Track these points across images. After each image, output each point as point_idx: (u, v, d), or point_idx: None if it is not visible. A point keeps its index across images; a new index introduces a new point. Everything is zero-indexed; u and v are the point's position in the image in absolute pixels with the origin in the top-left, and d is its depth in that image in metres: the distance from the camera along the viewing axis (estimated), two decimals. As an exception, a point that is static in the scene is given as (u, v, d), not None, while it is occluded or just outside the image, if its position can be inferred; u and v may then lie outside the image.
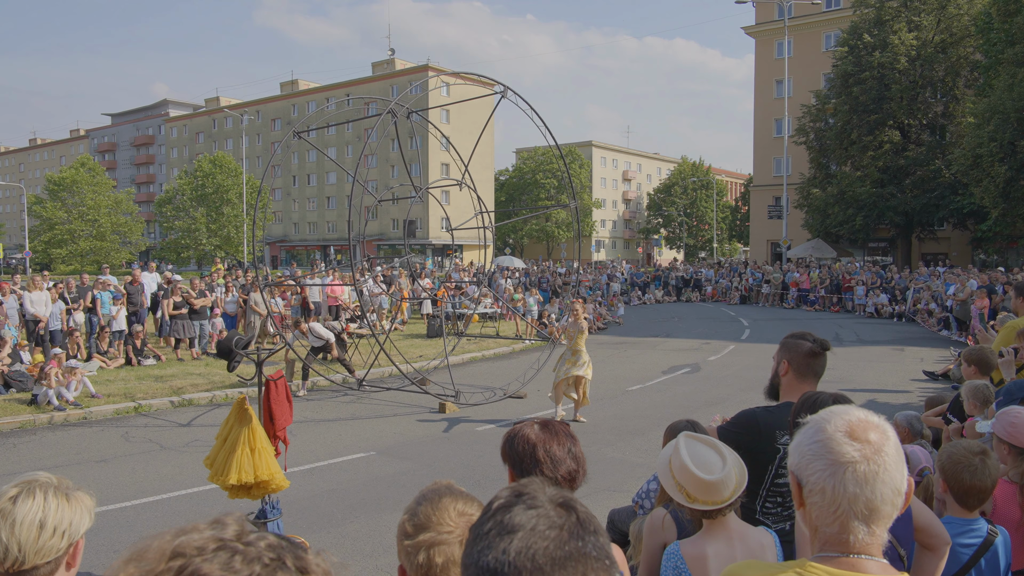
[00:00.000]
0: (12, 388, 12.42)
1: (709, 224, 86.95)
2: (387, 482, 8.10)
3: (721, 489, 2.36)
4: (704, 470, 2.38)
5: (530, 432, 2.13)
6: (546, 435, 2.10)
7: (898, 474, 1.46)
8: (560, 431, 2.13)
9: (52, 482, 1.61)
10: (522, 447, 2.10)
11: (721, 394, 12.88)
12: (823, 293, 29.67)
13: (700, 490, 2.36)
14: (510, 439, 2.15)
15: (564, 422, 2.22)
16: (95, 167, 70.13)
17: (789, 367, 3.11)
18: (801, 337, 3.15)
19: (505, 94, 12.80)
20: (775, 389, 3.20)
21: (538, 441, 2.09)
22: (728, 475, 2.38)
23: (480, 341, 20.12)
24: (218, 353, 5.65)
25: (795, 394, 3.07)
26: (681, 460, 2.41)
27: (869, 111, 37.97)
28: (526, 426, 2.16)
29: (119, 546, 6.26)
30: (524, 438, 2.12)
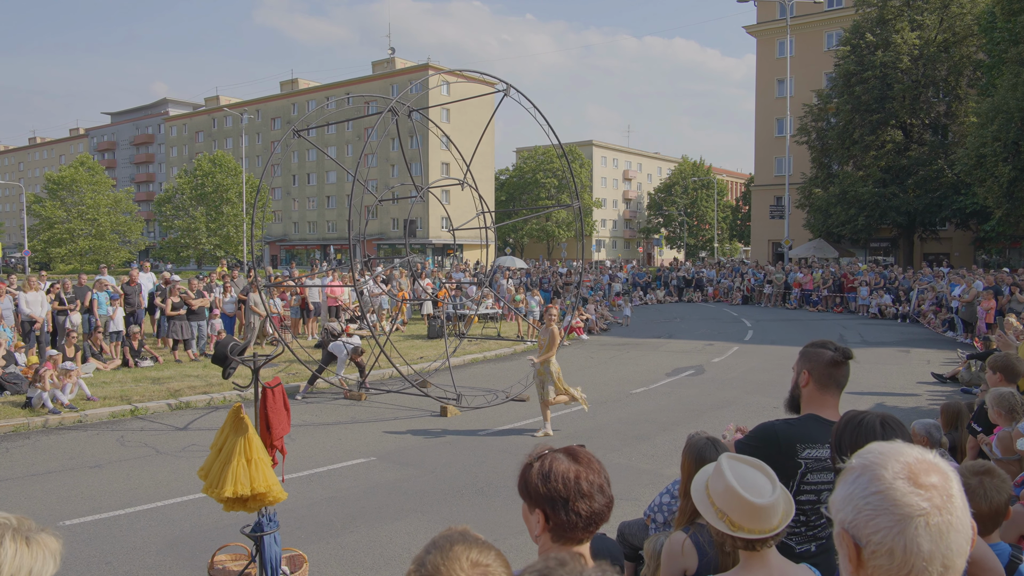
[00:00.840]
0: (6, 390, 12.23)
1: (710, 224, 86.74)
2: (388, 489, 7.92)
3: (770, 515, 2.12)
4: (754, 493, 2.13)
5: (564, 465, 1.88)
6: (580, 465, 1.88)
7: (967, 519, 1.27)
8: (591, 458, 1.93)
9: (10, 523, 1.40)
10: (563, 482, 1.86)
11: (727, 397, 12.68)
12: (826, 294, 29.48)
13: (747, 516, 2.12)
14: (543, 476, 1.89)
15: (581, 445, 2.00)
16: (94, 166, 69.93)
17: (810, 378, 2.93)
18: (822, 346, 2.96)
19: (508, 92, 12.62)
20: (795, 401, 3.02)
21: (577, 473, 1.87)
22: (778, 500, 2.14)
23: (481, 342, 19.93)
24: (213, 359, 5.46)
25: (817, 406, 2.90)
26: (726, 482, 2.16)
27: (871, 110, 37.78)
28: (552, 459, 1.91)
29: (111, 558, 6.08)
30: (559, 474, 1.87)
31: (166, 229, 70.95)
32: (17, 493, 7.80)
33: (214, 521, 6.76)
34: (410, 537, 6.52)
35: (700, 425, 10.57)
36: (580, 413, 11.61)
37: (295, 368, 14.94)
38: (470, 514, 7.11)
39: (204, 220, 65.44)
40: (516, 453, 9.31)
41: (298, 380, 14.00)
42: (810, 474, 2.71)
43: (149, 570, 5.88)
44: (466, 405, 11.96)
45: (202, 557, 5.93)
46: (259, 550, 4.95)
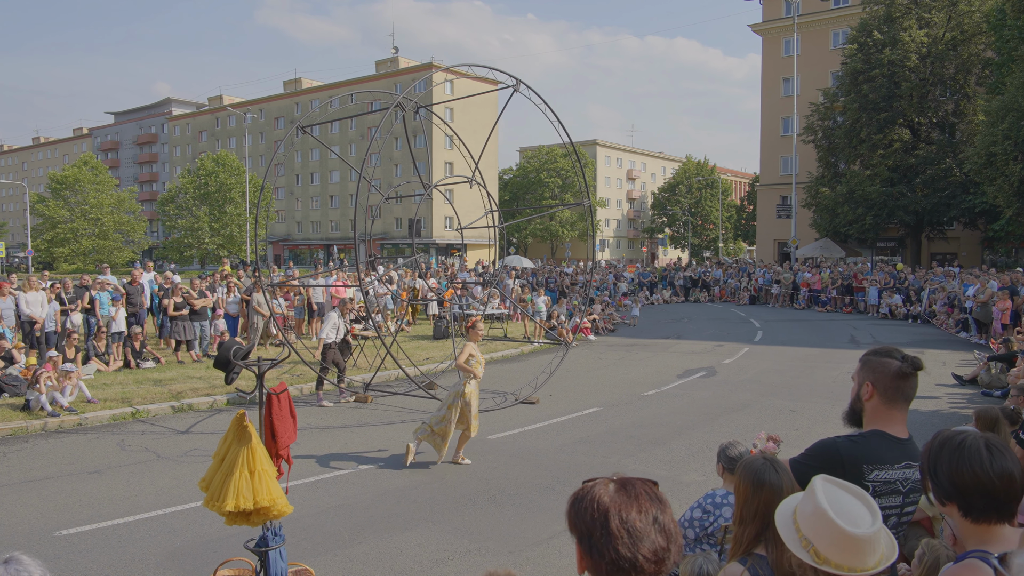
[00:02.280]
0: (5, 393, 11.98)
1: (714, 223, 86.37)
2: (396, 496, 7.65)
3: (865, 551, 1.83)
4: (848, 521, 1.84)
5: (602, 493, 1.60)
6: (623, 498, 1.58)
7: None
8: (642, 493, 1.60)
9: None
10: (590, 514, 1.58)
11: (742, 400, 12.39)
12: (835, 294, 29.15)
13: (839, 548, 1.83)
14: (577, 501, 1.63)
15: (649, 480, 1.65)
16: (98, 166, 69.77)
17: (875, 390, 2.63)
18: (887, 355, 2.66)
19: (518, 87, 12.34)
20: (857, 415, 2.73)
21: (612, 506, 1.57)
22: (878, 536, 1.85)
23: (488, 343, 19.65)
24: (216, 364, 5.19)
25: (884, 422, 2.62)
26: (817, 505, 1.87)
27: (879, 109, 37.47)
28: (599, 485, 1.63)
29: (109, 570, 5.82)
30: (594, 501, 1.59)
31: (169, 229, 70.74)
32: (13, 501, 7.54)
33: (217, 532, 6.49)
34: (421, 548, 6.25)
35: (716, 429, 10.31)
36: (592, 416, 11.35)
37: (299, 369, 14.69)
38: (483, 523, 6.84)
39: (207, 220, 65.24)
40: (528, 458, 9.04)
41: (302, 382, 13.74)
42: (877, 498, 2.43)
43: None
44: (474, 408, 11.68)
45: (204, 571, 5.67)
46: (264, 566, 4.69)
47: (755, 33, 52.09)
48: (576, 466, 8.65)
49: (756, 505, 2.37)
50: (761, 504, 2.36)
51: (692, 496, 6.74)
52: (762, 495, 2.37)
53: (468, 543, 6.37)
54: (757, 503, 2.37)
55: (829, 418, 10.79)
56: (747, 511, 2.38)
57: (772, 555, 2.26)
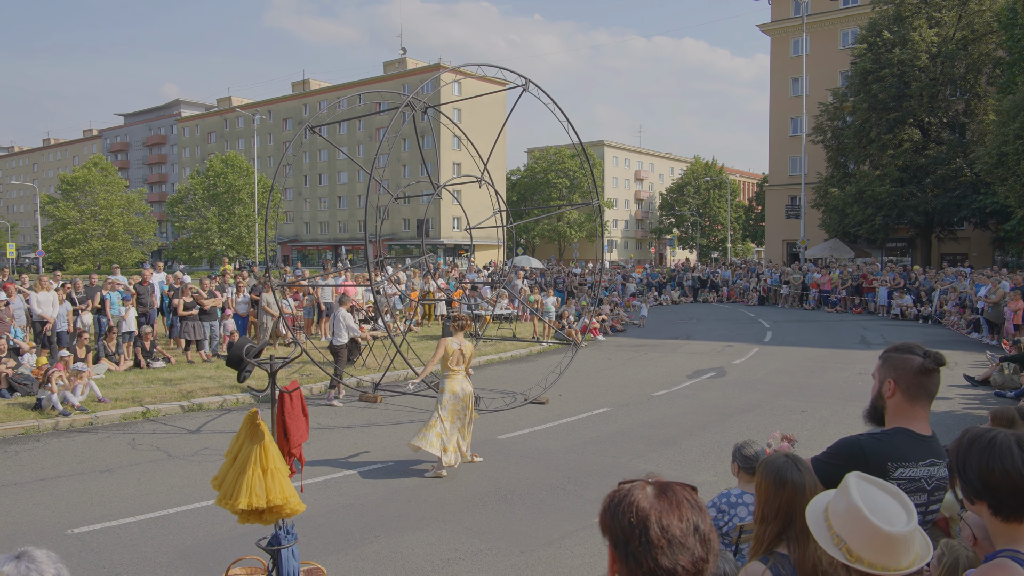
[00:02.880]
0: (16, 392, 12.04)
1: (722, 224, 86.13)
2: (407, 495, 7.64)
3: (900, 550, 1.79)
4: (883, 519, 1.80)
5: (641, 498, 1.53)
6: (663, 505, 1.51)
7: None
8: (683, 499, 1.53)
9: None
10: (628, 519, 1.51)
11: (753, 400, 12.34)
12: (844, 294, 29.02)
13: (871, 546, 1.78)
14: (613, 505, 1.56)
15: (688, 484, 1.58)
16: (108, 167, 70.08)
17: (897, 387, 2.60)
18: (908, 351, 2.63)
19: (527, 87, 12.32)
20: (878, 412, 2.69)
21: (651, 512, 1.50)
22: (913, 535, 1.81)
23: (496, 344, 19.64)
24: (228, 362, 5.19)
25: (906, 419, 2.58)
26: (851, 501, 1.82)
27: (888, 109, 37.28)
28: (636, 488, 1.56)
29: (120, 568, 5.83)
30: (632, 506, 1.52)
31: (179, 230, 70.97)
32: (25, 499, 7.56)
33: (228, 530, 6.49)
34: (432, 548, 6.23)
35: (727, 429, 10.27)
36: (602, 416, 11.32)
37: (308, 369, 14.70)
38: (494, 523, 6.82)
39: (216, 221, 65.43)
40: (538, 458, 9.02)
41: (311, 382, 13.75)
42: None
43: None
44: (484, 408, 11.67)
45: (216, 569, 5.66)
46: (276, 565, 4.68)
47: (764, 33, 51.91)
48: (587, 466, 8.62)
49: (778, 503, 2.34)
50: (783, 502, 2.33)
51: (705, 496, 6.69)
52: (784, 493, 2.34)
53: (479, 543, 6.36)
54: (779, 501, 2.34)
55: (841, 419, 10.73)
56: (768, 509, 2.35)
57: (794, 554, 2.24)
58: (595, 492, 7.62)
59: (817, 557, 2.17)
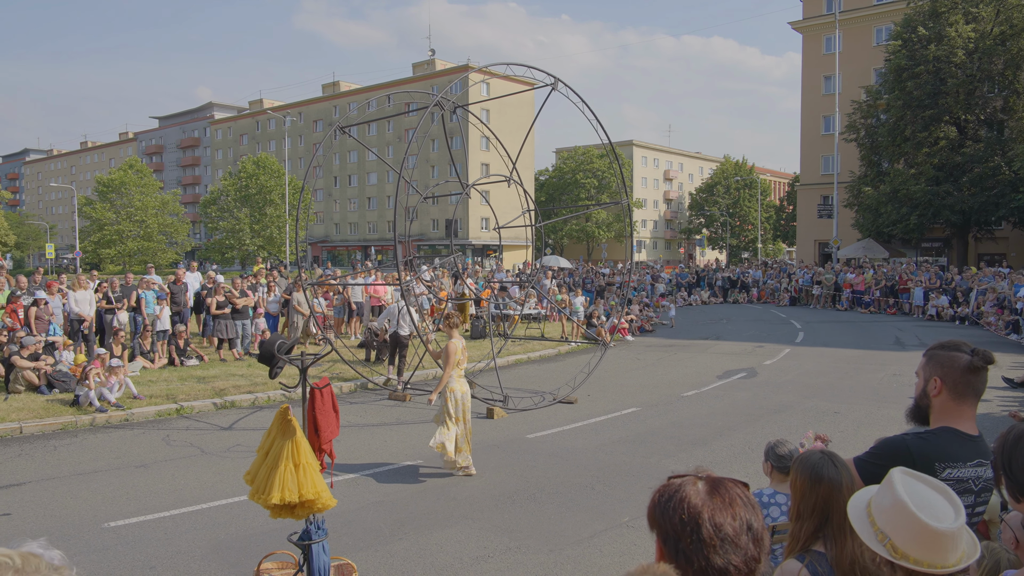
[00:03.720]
0: (55, 388, 12.29)
1: (753, 224, 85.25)
2: (436, 493, 7.66)
3: (947, 547, 1.74)
4: (930, 515, 1.75)
5: (692, 494, 1.48)
6: (716, 503, 1.47)
7: None
8: (736, 496, 1.49)
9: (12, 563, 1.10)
10: (679, 516, 1.47)
11: (784, 401, 12.19)
12: (878, 295, 28.56)
13: (919, 543, 1.73)
14: (663, 501, 1.51)
15: (740, 481, 1.56)
16: (143, 169, 71.30)
17: (943, 386, 2.53)
18: (955, 348, 2.56)
19: (556, 86, 12.30)
20: (922, 412, 2.63)
21: (704, 510, 1.46)
22: (961, 532, 1.75)
23: (525, 343, 19.63)
24: (260, 358, 5.24)
25: (953, 418, 2.52)
26: (896, 497, 1.77)
27: (924, 106, 36.61)
28: (687, 483, 1.52)
29: (154, 561, 5.92)
30: (684, 503, 1.47)
31: (211, 230, 72.00)
32: (64, 493, 7.72)
33: (260, 525, 6.57)
34: (461, 545, 6.24)
35: (758, 430, 10.15)
36: (631, 416, 11.26)
37: (339, 368, 14.82)
38: (523, 521, 6.81)
39: (248, 221, 66.28)
40: (567, 457, 9.00)
41: (341, 380, 13.86)
42: None
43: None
44: (513, 407, 11.68)
45: (248, 564, 5.73)
46: (307, 559, 4.72)
47: (795, 30, 51.28)
48: (616, 466, 8.58)
49: (814, 501, 2.30)
50: (819, 499, 2.29)
51: (735, 497, 6.62)
52: (820, 490, 2.30)
53: (508, 541, 6.35)
54: (815, 498, 2.30)
55: (875, 420, 10.56)
56: (804, 507, 2.31)
57: (831, 551, 2.20)
58: (624, 492, 7.58)
59: (855, 555, 2.13)
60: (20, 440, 9.95)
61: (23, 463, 8.86)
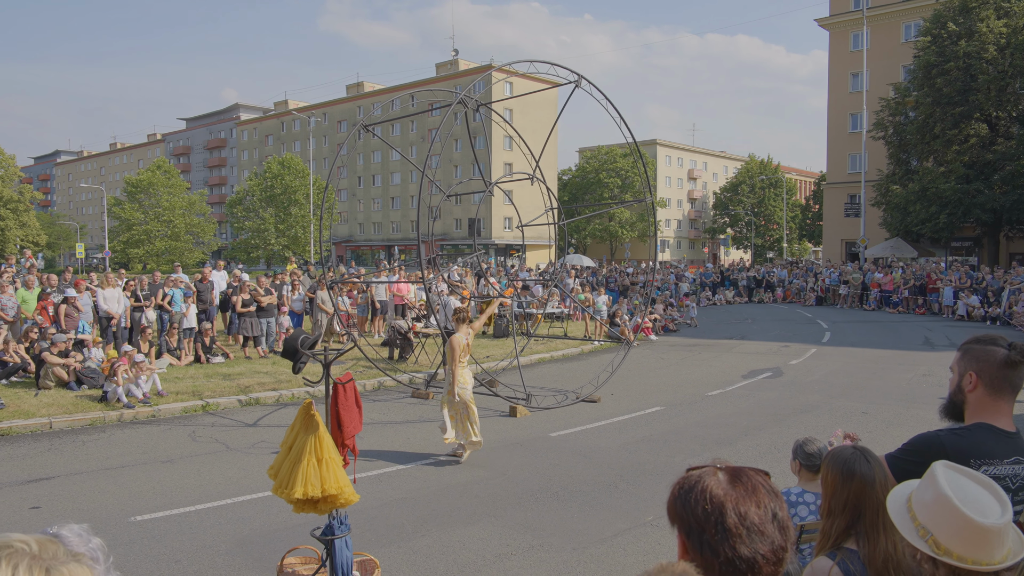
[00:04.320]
0: (84, 385, 12.46)
1: (778, 223, 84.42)
2: (459, 491, 7.65)
3: (995, 543, 1.67)
4: (975, 510, 1.68)
5: (714, 484, 1.45)
6: (739, 492, 1.43)
7: None
8: (759, 485, 1.45)
9: (28, 549, 1.08)
10: (702, 507, 1.43)
11: (810, 401, 12.04)
12: (907, 295, 28.13)
13: (963, 539, 1.67)
14: (684, 492, 1.48)
15: (761, 470, 1.52)
16: (170, 170, 72.23)
17: (979, 381, 2.46)
18: (991, 342, 2.49)
19: (579, 83, 12.24)
20: (956, 407, 2.55)
21: (727, 500, 1.42)
22: (1007, 528, 1.69)
23: (548, 342, 19.58)
24: (283, 353, 5.26)
25: (989, 414, 2.45)
26: (940, 491, 1.71)
27: (954, 103, 35.98)
28: (707, 474, 1.48)
29: (180, 555, 5.96)
30: (705, 493, 1.44)
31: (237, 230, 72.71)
32: (92, 487, 7.81)
33: (283, 521, 6.60)
34: (483, 543, 6.22)
35: (785, 430, 10.02)
36: (655, 415, 11.18)
37: (362, 366, 14.87)
38: (546, 519, 6.78)
39: (273, 221, 66.85)
40: (590, 456, 8.94)
41: (364, 378, 13.91)
42: None
43: (218, 570, 5.72)
44: (536, 406, 11.64)
45: (271, 559, 5.75)
46: (330, 554, 4.72)
47: (822, 28, 50.69)
48: (640, 464, 8.51)
49: (846, 497, 2.24)
50: (851, 495, 2.23)
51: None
52: (852, 486, 2.24)
53: (531, 539, 6.32)
54: (847, 494, 2.24)
55: (905, 420, 10.38)
56: (836, 503, 2.25)
57: (864, 549, 2.14)
58: (648, 491, 7.51)
59: (888, 552, 2.08)
60: (50, 435, 10.10)
61: (53, 457, 8.98)
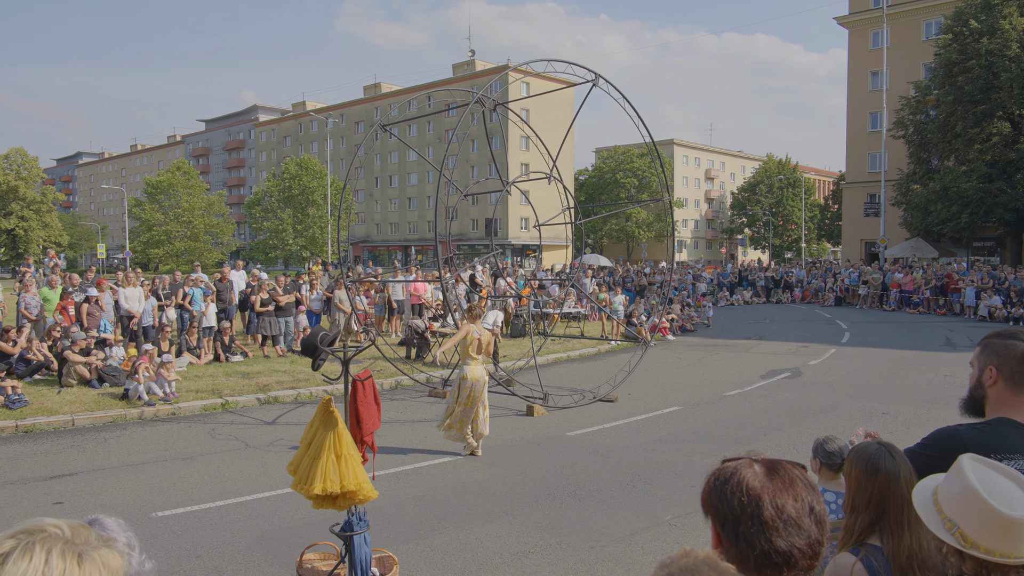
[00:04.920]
0: (105, 383, 12.60)
1: (796, 223, 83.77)
2: (476, 489, 7.66)
3: (1021, 536, 1.65)
4: (1003, 502, 1.66)
5: (750, 476, 1.43)
6: (776, 484, 1.42)
7: None
8: (796, 478, 1.43)
9: (61, 534, 1.10)
10: (738, 499, 1.42)
11: (829, 401, 11.94)
12: (928, 295, 27.82)
13: (991, 532, 1.65)
14: (719, 484, 1.46)
15: (797, 463, 1.51)
16: (190, 171, 72.90)
17: (999, 375, 2.43)
18: (1012, 337, 2.46)
19: (597, 82, 12.22)
20: (977, 403, 2.53)
21: (764, 492, 1.41)
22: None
23: (564, 342, 19.56)
24: (303, 350, 5.29)
25: (1010, 408, 2.42)
26: (966, 483, 1.69)
27: (975, 101, 35.57)
28: (743, 465, 1.46)
29: (200, 550, 6.01)
30: (742, 485, 1.42)
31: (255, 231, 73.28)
32: (112, 483, 7.89)
33: (303, 517, 6.63)
34: (501, 541, 6.22)
35: (803, 430, 9.95)
36: (672, 415, 11.14)
37: (379, 365, 14.92)
38: (564, 518, 6.77)
39: (291, 222, 67.28)
40: (607, 455, 8.92)
41: (382, 377, 13.96)
42: None
43: (238, 566, 5.77)
44: (553, 405, 11.63)
45: (290, 554, 5.78)
46: (349, 550, 4.74)
47: (841, 26, 50.27)
48: (657, 464, 8.48)
49: (870, 492, 2.22)
50: (875, 491, 2.21)
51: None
52: (876, 482, 2.22)
53: (548, 537, 6.31)
54: (871, 490, 2.22)
55: (926, 421, 10.27)
56: (859, 499, 2.23)
57: (888, 545, 2.12)
58: (666, 490, 7.49)
59: (912, 548, 2.06)
60: (72, 432, 10.21)
61: (75, 454, 9.09)
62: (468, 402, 8.85)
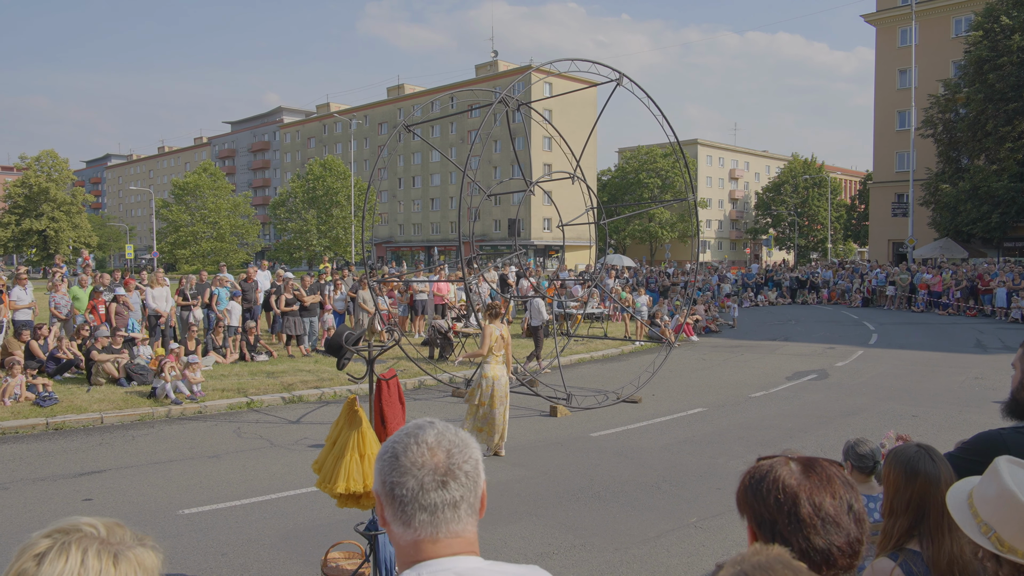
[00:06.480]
0: (133, 381, 12.74)
1: (822, 224, 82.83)
2: (499, 490, 7.63)
3: None
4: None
5: (786, 474, 1.41)
6: (813, 482, 1.40)
7: None
8: (834, 476, 1.41)
9: (97, 533, 1.09)
10: (774, 497, 1.39)
11: (857, 404, 11.77)
12: (958, 296, 27.36)
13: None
14: (755, 482, 1.44)
15: (835, 461, 1.48)
16: (216, 172, 73.63)
17: None
18: None
19: (620, 81, 12.15)
20: (1020, 406, 2.46)
21: (801, 490, 1.39)
22: None
23: (588, 342, 19.48)
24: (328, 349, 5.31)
25: None
26: (1003, 486, 1.64)
27: (1007, 99, 34.97)
28: (779, 463, 1.44)
29: (226, 548, 6.04)
30: (778, 483, 1.40)
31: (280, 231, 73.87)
32: (140, 481, 7.97)
33: (327, 516, 6.65)
34: (525, 541, 6.19)
35: (831, 433, 9.82)
36: (697, 416, 11.04)
37: (403, 365, 14.96)
38: (588, 519, 6.73)
39: (315, 223, 67.74)
40: (631, 456, 8.86)
41: (405, 377, 13.99)
42: None
43: (263, 564, 5.79)
44: (576, 406, 11.58)
45: (315, 553, 5.80)
46: (373, 549, 4.74)
47: (868, 23, 49.64)
48: (682, 466, 8.41)
49: (909, 496, 2.16)
50: (914, 494, 2.15)
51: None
52: (916, 485, 2.16)
53: (573, 538, 6.28)
54: (910, 494, 2.16)
55: (957, 424, 10.09)
56: (898, 502, 2.18)
57: (928, 550, 2.06)
58: (692, 492, 7.41)
59: (953, 554, 2.00)
60: (101, 430, 10.34)
61: (104, 451, 9.20)
62: (491, 401, 8.86)
